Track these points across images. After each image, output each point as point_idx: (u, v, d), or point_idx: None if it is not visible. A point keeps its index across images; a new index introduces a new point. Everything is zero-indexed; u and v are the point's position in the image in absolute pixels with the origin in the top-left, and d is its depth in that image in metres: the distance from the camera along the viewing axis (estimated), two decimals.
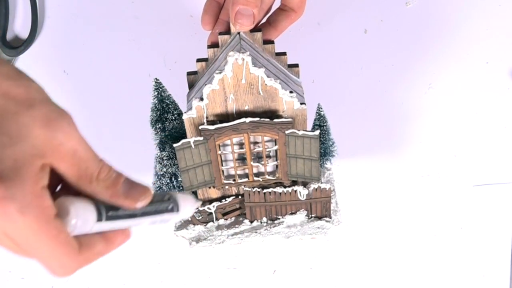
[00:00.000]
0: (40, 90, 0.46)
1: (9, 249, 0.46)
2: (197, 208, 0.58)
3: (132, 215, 0.49)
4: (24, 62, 0.99)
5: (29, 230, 0.43)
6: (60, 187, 0.48)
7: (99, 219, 0.47)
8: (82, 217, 0.46)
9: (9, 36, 0.99)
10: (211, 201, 0.81)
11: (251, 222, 0.82)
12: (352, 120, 0.91)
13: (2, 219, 0.42)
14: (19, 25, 1.01)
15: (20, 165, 0.42)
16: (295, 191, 0.78)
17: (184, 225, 0.82)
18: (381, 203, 0.85)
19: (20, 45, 0.98)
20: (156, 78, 0.74)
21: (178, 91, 0.77)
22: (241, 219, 0.82)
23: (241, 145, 0.74)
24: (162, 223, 0.52)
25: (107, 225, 0.48)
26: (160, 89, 0.74)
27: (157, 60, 0.96)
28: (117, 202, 0.48)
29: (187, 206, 0.54)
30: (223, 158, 0.76)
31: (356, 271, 0.81)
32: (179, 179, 0.78)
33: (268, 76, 0.67)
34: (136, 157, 0.85)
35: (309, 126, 0.75)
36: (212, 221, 0.82)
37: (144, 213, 0.50)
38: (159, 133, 0.77)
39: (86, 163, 0.46)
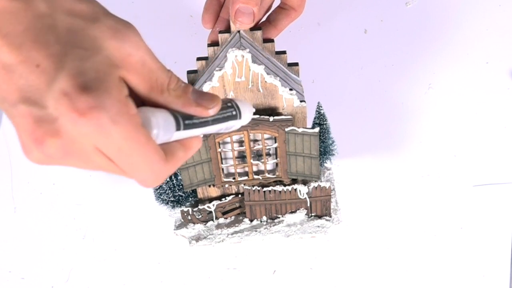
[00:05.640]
0: (100, 5, 0.46)
1: (99, 168, 0.46)
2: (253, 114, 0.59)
3: (204, 122, 0.50)
4: None
5: (122, 139, 0.43)
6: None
7: (178, 128, 0.48)
8: (163, 127, 0.46)
9: None
10: (211, 199, 0.82)
11: (251, 221, 0.82)
12: (352, 120, 0.91)
13: (95, 130, 0.42)
14: None
15: (102, 75, 0.43)
16: (295, 189, 0.78)
17: (183, 224, 0.82)
18: (381, 203, 0.85)
19: None
20: None
21: None
22: (241, 218, 0.82)
23: (241, 142, 0.74)
24: (226, 130, 0.54)
25: (184, 134, 0.49)
26: None
27: None
28: (189, 111, 0.48)
29: (246, 112, 0.55)
30: (223, 156, 0.76)
31: (356, 271, 0.81)
32: (178, 177, 0.78)
33: (267, 74, 0.67)
34: None
35: (309, 125, 0.75)
36: (212, 220, 0.82)
37: (214, 120, 0.51)
38: None
39: (156, 73, 0.46)
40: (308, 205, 0.80)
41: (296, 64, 0.75)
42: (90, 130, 0.42)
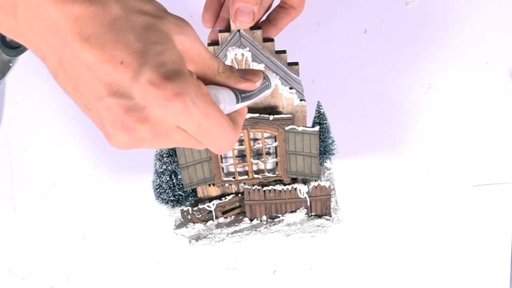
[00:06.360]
0: (160, 4, 0.51)
1: (178, 144, 0.52)
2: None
3: (252, 94, 0.58)
4: (24, 62, 0.99)
5: (201, 116, 0.49)
6: None
7: (237, 101, 0.55)
8: (228, 101, 0.54)
9: None
10: (210, 199, 0.81)
11: (251, 220, 0.82)
12: (352, 120, 0.91)
13: (181, 112, 0.48)
14: None
15: (178, 66, 0.48)
16: (295, 188, 0.78)
17: (183, 223, 0.82)
18: (381, 203, 0.85)
19: (20, 45, 0.98)
20: None
21: None
22: (241, 217, 0.82)
23: (241, 141, 0.75)
24: (263, 98, 0.61)
25: (239, 106, 0.56)
26: None
27: None
28: (241, 86, 0.56)
29: (273, 80, 0.62)
30: (222, 155, 0.76)
31: (356, 270, 0.81)
32: (179, 177, 0.78)
33: None
34: (136, 154, 0.85)
35: (309, 125, 0.75)
36: (212, 219, 0.82)
37: (258, 91, 0.58)
38: None
39: (208, 61, 0.53)
40: (308, 204, 0.80)
41: (296, 63, 0.75)
42: (177, 112, 0.48)
